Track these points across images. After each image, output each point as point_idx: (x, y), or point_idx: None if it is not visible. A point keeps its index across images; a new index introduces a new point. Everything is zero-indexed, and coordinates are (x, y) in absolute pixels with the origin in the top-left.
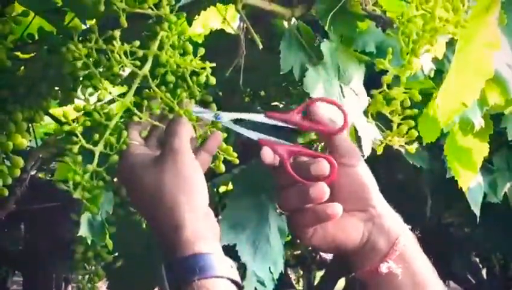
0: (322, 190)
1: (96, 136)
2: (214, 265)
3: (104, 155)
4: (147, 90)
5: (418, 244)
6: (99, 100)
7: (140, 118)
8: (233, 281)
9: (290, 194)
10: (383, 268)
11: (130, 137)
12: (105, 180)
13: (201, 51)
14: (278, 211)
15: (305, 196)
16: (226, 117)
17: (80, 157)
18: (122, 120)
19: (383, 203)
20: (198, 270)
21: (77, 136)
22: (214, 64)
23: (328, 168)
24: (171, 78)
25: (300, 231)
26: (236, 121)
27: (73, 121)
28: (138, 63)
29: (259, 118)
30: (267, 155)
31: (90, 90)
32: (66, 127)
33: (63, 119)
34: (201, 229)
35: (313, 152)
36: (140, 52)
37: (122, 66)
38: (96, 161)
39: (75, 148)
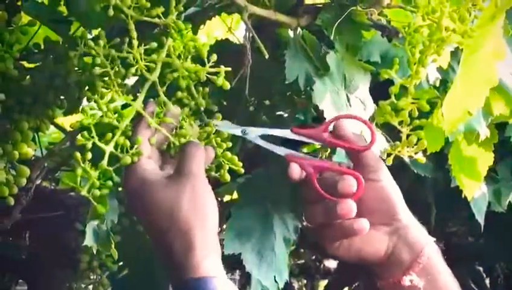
0: (349, 207)
1: (109, 135)
2: (221, 288)
3: (113, 157)
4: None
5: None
6: (111, 101)
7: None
8: None
9: (316, 209)
10: (406, 281)
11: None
12: (114, 182)
13: (214, 57)
14: (304, 223)
15: (332, 213)
16: (253, 132)
17: (90, 154)
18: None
19: (408, 215)
20: None
21: (91, 132)
22: (229, 68)
23: (355, 186)
24: (182, 83)
25: (327, 243)
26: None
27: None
28: (153, 65)
29: (286, 133)
30: (295, 171)
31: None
32: (86, 121)
33: (81, 115)
34: (211, 253)
35: (340, 168)
36: (154, 56)
37: (137, 69)
38: (106, 159)
39: (89, 144)
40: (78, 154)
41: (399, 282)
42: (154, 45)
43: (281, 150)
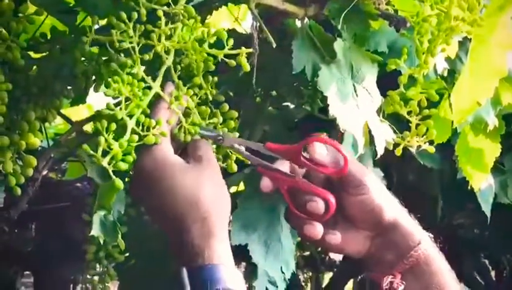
0: (314, 232)
1: (133, 107)
2: (231, 278)
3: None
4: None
5: (438, 253)
6: (136, 76)
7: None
8: None
9: (291, 217)
10: (385, 283)
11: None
12: (134, 157)
13: (231, 41)
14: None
15: (299, 230)
16: (228, 141)
17: (114, 124)
18: None
19: (396, 218)
20: (224, 281)
21: (114, 110)
22: (250, 50)
23: (322, 209)
24: (199, 67)
25: (307, 239)
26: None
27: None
28: (173, 46)
29: (258, 147)
30: (266, 186)
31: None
32: (110, 92)
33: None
34: (225, 242)
35: (311, 187)
36: (175, 41)
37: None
38: (129, 133)
39: (119, 115)
40: (86, 146)
41: (381, 279)
42: (179, 25)
43: (254, 160)
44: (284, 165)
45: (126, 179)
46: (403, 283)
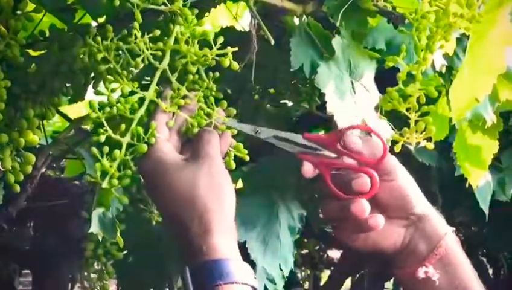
0: (363, 207)
1: (123, 126)
2: (238, 271)
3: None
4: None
5: (459, 246)
6: (122, 94)
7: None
8: (254, 289)
9: (331, 206)
10: (421, 273)
11: (157, 129)
12: (132, 170)
13: (220, 39)
14: (321, 216)
15: (346, 211)
16: (266, 133)
17: (107, 148)
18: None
19: (425, 207)
20: (225, 275)
21: (103, 126)
22: (236, 49)
23: (368, 184)
24: (192, 68)
25: (343, 235)
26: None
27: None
28: (160, 53)
29: (297, 138)
30: (308, 170)
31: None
32: (93, 115)
33: (88, 111)
34: (227, 235)
35: (354, 165)
36: (160, 44)
37: (143, 59)
38: (123, 150)
39: (102, 138)
40: (95, 150)
41: (414, 273)
42: (157, 32)
43: (292, 148)
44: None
45: None
46: (438, 272)
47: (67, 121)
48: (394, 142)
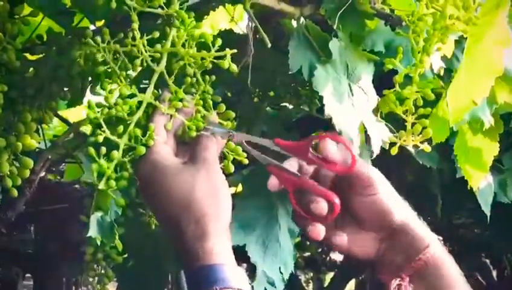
0: (317, 233)
1: (121, 128)
2: (233, 277)
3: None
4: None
5: (447, 256)
6: (121, 96)
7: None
8: None
9: (297, 218)
10: (393, 285)
11: (155, 131)
12: (129, 172)
13: (218, 41)
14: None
15: (304, 230)
16: (238, 137)
17: (104, 149)
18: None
19: (405, 219)
20: (220, 281)
21: (101, 127)
22: (234, 50)
23: (325, 210)
24: (190, 70)
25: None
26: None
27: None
28: (158, 55)
29: (268, 143)
30: (274, 185)
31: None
32: (91, 115)
33: (86, 110)
34: (223, 241)
35: (316, 188)
36: (158, 46)
37: (142, 61)
38: (121, 151)
39: (100, 138)
40: (92, 150)
41: (388, 283)
42: (156, 34)
43: (263, 159)
44: (293, 164)
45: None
46: (411, 285)
47: (67, 125)
48: (392, 144)
